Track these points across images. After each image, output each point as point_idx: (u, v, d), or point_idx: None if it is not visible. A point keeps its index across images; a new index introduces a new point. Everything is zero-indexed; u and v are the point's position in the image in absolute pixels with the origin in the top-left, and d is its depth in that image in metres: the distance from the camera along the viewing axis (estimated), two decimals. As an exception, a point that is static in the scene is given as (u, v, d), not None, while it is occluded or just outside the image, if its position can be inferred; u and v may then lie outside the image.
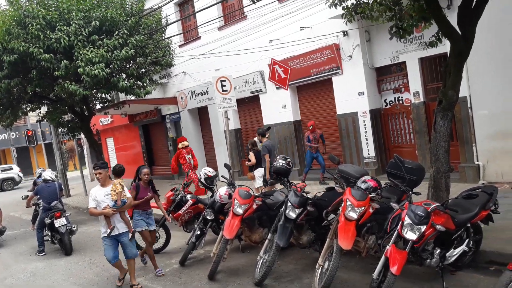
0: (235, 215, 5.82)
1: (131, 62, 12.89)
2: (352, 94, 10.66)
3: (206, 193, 7.75)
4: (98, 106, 16.07)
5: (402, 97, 10.34)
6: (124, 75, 13.04)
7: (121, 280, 6.19)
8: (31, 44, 10.96)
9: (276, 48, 11.71)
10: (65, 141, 27.66)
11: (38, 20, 10.99)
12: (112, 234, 5.75)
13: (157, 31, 13.60)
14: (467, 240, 4.79)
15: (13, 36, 11.06)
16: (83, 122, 14.52)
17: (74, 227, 8.85)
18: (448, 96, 5.92)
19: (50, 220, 8.52)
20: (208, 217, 6.66)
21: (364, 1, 6.85)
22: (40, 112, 15.79)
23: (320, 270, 4.86)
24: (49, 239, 8.97)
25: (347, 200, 4.76)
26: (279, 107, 12.67)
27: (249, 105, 13.86)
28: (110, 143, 22.62)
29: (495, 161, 8.45)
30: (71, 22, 11.18)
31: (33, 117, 24.29)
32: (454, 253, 4.67)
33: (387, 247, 4.33)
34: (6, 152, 37.15)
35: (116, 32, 11.67)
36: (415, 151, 9.95)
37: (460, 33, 5.84)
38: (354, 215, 4.69)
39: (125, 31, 11.73)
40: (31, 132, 20.80)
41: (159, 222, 7.54)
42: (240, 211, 5.82)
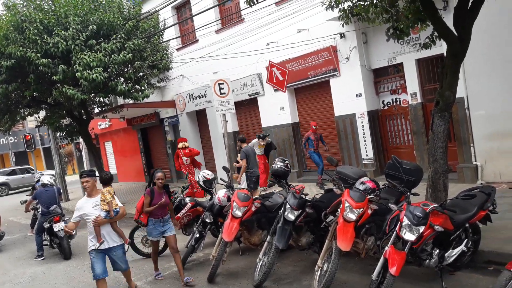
0: (234, 218, 5.82)
1: (129, 66, 12.90)
2: (350, 96, 10.69)
3: (205, 196, 7.74)
4: (96, 110, 16.06)
5: (400, 98, 10.37)
6: (122, 79, 13.05)
7: None
8: (29, 49, 10.96)
9: (274, 51, 11.74)
10: (64, 145, 27.63)
11: (36, 25, 10.99)
12: (101, 248, 5.24)
13: (155, 35, 13.62)
14: (466, 240, 4.80)
15: (11, 41, 11.06)
16: (82, 126, 14.51)
17: (73, 232, 8.83)
18: (445, 97, 5.94)
19: (49, 225, 8.51)
20: (207, 220, 6.67)
21: (360, 3, 6.88)
22: (39, 117, 15.79)
23: (319, 272, 4.87)
24: (48, 244, 8.96)
25: (346, 202, 4.77)
26: (277, 110, 12.69)
27: (247, 108, 13.88)
28: (109, 147, 22.61)
29: (493, 161, 8.47)
30: (69, 27, 11.18)
31: (32, 122, 24.32)
32: (453, 254, 4.69)
33: (386, 248, 4.34)
34: (5, 157, 37.09)
35: (114, 36, 11.68)
36: (413, 152, 9.97)
37: (456, 34, 5.87)
38: (353, 217, 4.70)
39: (123, 35, 11.75)
40: (30, 137, 20.77)
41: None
42: (239, 214, 5.83)
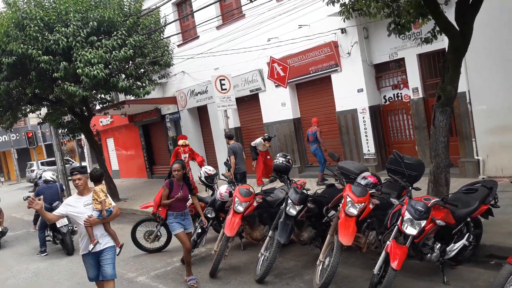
0: (236, 213, 5.84)
1: (130, 63, 12.89)
2: (351, 91, 10.68)
3: (207, 192, 7.75)
4: (98, 107, 16.08)
5: (401, 93, 10.36)
6: (123, 76, 13.05)
7: None
8: (30, 46, 10.97)
9: (275, 47, 11.73)
10: (66, 142, 27.69)
11: (36, 22, 10.99)
12: (94, 251, 4.82)
13: (156, 31, 13.61)
14: (467, 235, 4.81)
15: (12, 38, 11.06)
16: (83, 123, 14.53)
17: (76, 227, 8.87)
18: (447, 92, 5.94)
19: (52, 221, 8.53)
20: (209, 215, 6.70)
21: (362, -2, 6.86)
22: (40, 114, 15.81)
23: (321, 266, 4.88)
24: (51, 240, 9.00)
25: (347, 196, 4.78)
26: (279, 105, 12.69)
27: (249, 104, 13.87)
28: (110, 143, 22.65)
29: (495, 156, 8.46)
30: (69, 23, 11.18)
31: (33, 119, 24.37)
32: (454, 248, 4.70)
33: (388, 243, 4.35)
34: (7, 154, 37.20)
35: (115, 33, 11.67)
36: (415, 147, 9.97)
37: (458, 29, 5.86)
38: (354, 211, 4.71)
39: (124, 32, 11.74)
40: (32, 134, 20.85)
41: (161, 221, 7.57)
42: (241, 209, 5.84)
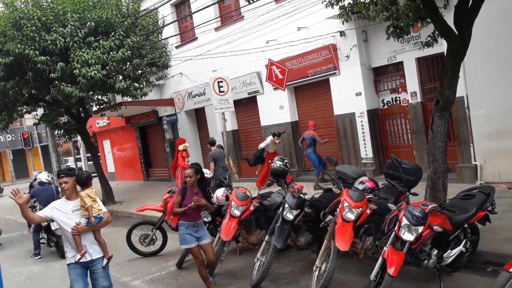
0: (232, 217, 5.79)
1: (128, 64, 12.85)
2: (350, 95, 10.65)
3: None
4: (95, 108, 16.01)
5: (400, 97, 10.33)
6: (121, 77, 12.99)
7: None
8: (27, 46, 10.91)
9: (273, 49, 11.69)
10: (62, 143, 27.57)
11: (34, 22, 10.94)
12: (82, 261, 4.45)
13: (154, 32, 13.57)
14: (464, 241, 4.78)
15: (9, 38, 11.00)
16: (80, 124, 14.45)
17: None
18: (445, 96, 5.90)
19: (47, 223, 8.46)
20: (205, 219, 6.62)
21: (361, 1, 6.83)
22: (37, 115, 15.72)
23: (318, 272, 4.84)
24: (45, 242, 8.93)
25: (345, 201, 4.74)
26: (277, 108, 12.65)
27: (247, 106, 13.83)
28: (107, 145, 22.56)
29: (492, 161, 8.44)
30: (67, 24, 11.13)
31: (29, 119, 24.25)
32: (452, 254, 4.67)
33: (385, 248, 4.32)
34: (2, 155, 37.00)
35: (112, 34, 11.63)
36: (413, 152, 9.94)
37: (457, 33, 5.83)
38: (352, 216, 4.67)
39: (121, 32, 11.69)
40: (27, 135, 20.75)
41: (156, 225, 7.52)
42: (238, 213, 5.79)
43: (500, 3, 7.60)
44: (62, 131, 15.19)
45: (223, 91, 10.87)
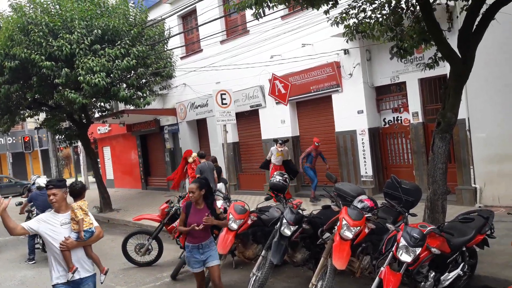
0: (230, 230, 5.77)
1: (132, 72, 12.92)
2: (351, 112, 10.68)
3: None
4: (97, 115, 16.05)
5: (401, 117, 10.37)
6: (125, 85, 13.06)
7: None
8: (33, 51, 11.00)
9: (277, 64, 11.77)
10: (62, 148, 27.60)
11: (41, 27, 11.05)
12: (73, 279, 4.03)
13: (160, 43, 13.68)
14: (462, 264, 4.74)
15: (16, 42, 11.10)
16: (81, 130, 14.48)
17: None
18: (447, 118, 5.92)
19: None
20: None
21: (366, 21, 6.90)
22: (38, 119, 15.76)
23: (313, 290, 4.79)
24: (40, 247, 8.86)
25: (343, 219, 4.72)
26: (278, 122, 12.68)
27: (248, 119, 13.87)
28: (107, 152, 22.57)
29: (492, 185, 8.42)
30: (74, 30, 11.23)
31: (31, 123, 24.30)
32: (449, 277, 4.62)
33: (382, 269, 4.28)
34: (2, 157, 36.96)
35: (118, 42, 11.72)
36: (413, 172, 9.93)
37: (460, 56, 5.88)
38: (350, 235, 4.65)
39: (127, 41, 11.79)
40: (28, 138, 20.76)
41: (152, 235, 7.48)
42: (235, 226, 5.77)
43: (504, 28, 7.67)
44: (63, 136, 15.21)
45: (226, 103, 10.92)
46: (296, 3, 6.13)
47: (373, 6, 6.80)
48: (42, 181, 9.12)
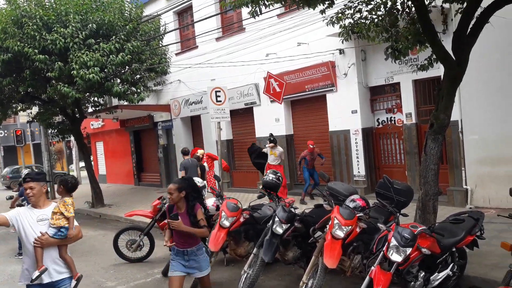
0: (222, 228, 5.76)
1: (126, 68, 12.86)
2: (345, 112, 10.72)
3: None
4: (90, 109, 15.96)
5: (395, 118, 10.42)
6: (119, 80, 13.00)
7: None
8: (27, 44, 10.91)
9: (273, 62, 11.77)
10: (54, 143, 27.40)
11: (35, 21, 10.96)
12: (41, 282, 3.75)
13: (155, 38, 13.62)
14: (452, 265, 4.78)
15: (9, 35, 11.00)
16: (74, 125, 14.39)
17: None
18: (440, 120, 5.96)
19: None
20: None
21: (361, 21, 6.92)
22: (31, 112, 15.65)
23: (304, 288, 4.81)
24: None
25: (335, 218, 4.74)
26: (273, 121, 12.69)
27: (243, 117, 13.86)
28: (100, 147, 22.46)
29: (483, 186, 8.50)
30: (68, 24, 11.15)
31: (23, 117, 24.11)
32: (438, 277, 4.66)
33: (372, 268, 4.31)
34: (-6, 151, 36.66)
35: (113, 37, 11.65)
36: (405, 172, 9.99)
37: (454, 58, 5.92)
38: (341, 234, 4.67)
39: (122, 36, 11.73)
40: (20, 132, 20.55)
41: (144, 231, 7.47)
42: (227, 224, 5.77)
43: (498, 31, 7.72)
44: (56, 131, 15.12)
45: (220, 101, 10.89)
46: (292, 2, 6.14)
47: (369, 7, 6.82)
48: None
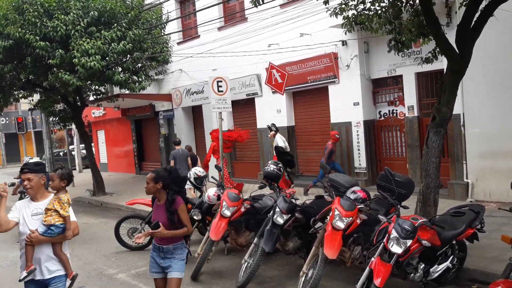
0: (223, 217, 5.79)
1: (128, 56, 12.80)
2: (347, 104, 10.70)
3: (195, 193, 7.68)
4: (92, 98, 15.94)
5: (397, 110, 10.40)
6: (120, 69, 12.95)
7: None
8: (28, 31, 10.84)
9: (275, 53, 11.72)
10: (55, 130, 27.42)
11: (36, 7, 10.88)
12: (34, 278, 3.56)
13: (157, 27, 13.54)
14: (452, 257, 4.82)
15: (10, 22, 10.93)
16: (75, 113, 14.37)
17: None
18: (442, 113, 5.96)
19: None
20: (195, 217, 6.62)
21: (365, 13, 6.88)
22: (32, 100, 15.62)
23: (304, 278, 4.85)
24: (32, 229, 8.84)
25: (336, 210, 4.77)
26: (274, 112, 12.66)
27: (244, 108, 13.84)
28: (101, 136, 22.47)
29: (484, 180, 8.51)
30: (69, 11, 11.08)
31: (25, 104, 24.12)
32: (438, 269, 4.70)
33: (372, 259, 4.34)
34: (-5, 138, 36.68)
35: (115, 25, 11.59)
36: (406, 165, 10.00)
37: (458, 51, 5.89)
38: (341, 225, 4.70)
39: (124, 24, 11.66)
40: (22, 119, 20.56)
41: (145, 219, 7.50)
42: (228, 214, 5.80)
43: (502, 25, 7.68)
44: (57, 119, 15.09)
45: (222, 91, 10.85)
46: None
47: (373, -2, 6.78)
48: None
